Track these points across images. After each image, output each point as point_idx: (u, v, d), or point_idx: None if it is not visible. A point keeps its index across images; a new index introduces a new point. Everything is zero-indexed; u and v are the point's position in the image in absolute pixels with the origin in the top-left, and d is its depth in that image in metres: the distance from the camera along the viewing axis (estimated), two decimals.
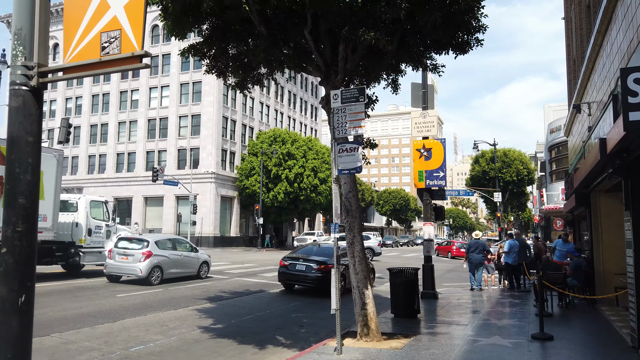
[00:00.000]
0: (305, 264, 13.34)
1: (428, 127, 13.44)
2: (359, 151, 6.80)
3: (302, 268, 13.31)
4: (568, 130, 16.06)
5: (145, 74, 51.52)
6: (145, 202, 50.32)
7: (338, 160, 6.90)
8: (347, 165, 6.84)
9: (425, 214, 13.29)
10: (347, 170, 6.89)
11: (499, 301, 12.33)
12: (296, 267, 13.42)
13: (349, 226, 7.72)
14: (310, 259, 13.50)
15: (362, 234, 7.87)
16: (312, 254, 14.05)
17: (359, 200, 7.89)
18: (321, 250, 14.44)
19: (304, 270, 13.24)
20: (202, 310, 10.30)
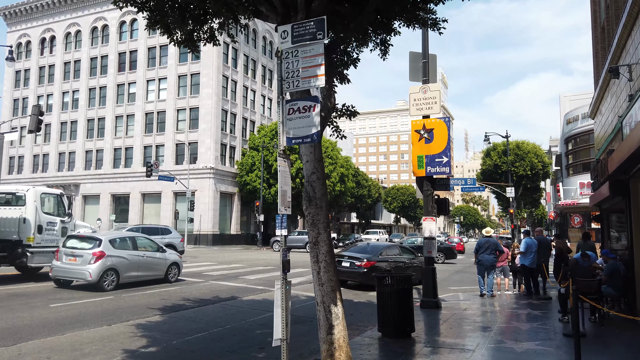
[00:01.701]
0: (350, 260, 14.26)
1: (429, 104, 11.30)
2: (316, 112, 4.74)
3: (347, 265, 14.24)
4: (595, 109, 13.79)
5: (142, 66, 49.86)
6: (143, 198, 48.69)
7: (287, 125, 4.84)
8: (298, 131, 4.78)
9: (426, 206, 11.16)
10: (298, 139, 4.83)
11: (514, 312, 10.17)
12: (342, 264, 14.23)
13: (312, 220, 5.66)
14: (354, 256, 14.42)
15: (330, 230, 5.79)
16: (358, 251, 15.09)
17: (326, 186, 5.82)
18: (367, 247, 15.65)
19: (349, 267, 14.16)
20: (144, 325, 8.31)
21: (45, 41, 55.99)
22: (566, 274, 8.40)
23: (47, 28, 55.74)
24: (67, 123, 53.42)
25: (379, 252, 14.67)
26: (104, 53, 52.33)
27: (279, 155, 4.91)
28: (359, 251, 15.03)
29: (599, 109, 13.04)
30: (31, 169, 54.55)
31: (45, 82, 55.15)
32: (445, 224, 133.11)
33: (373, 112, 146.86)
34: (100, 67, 52.50)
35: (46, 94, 54.89)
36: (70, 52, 54.16)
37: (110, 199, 50.07)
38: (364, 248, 15.61)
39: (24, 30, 56.93)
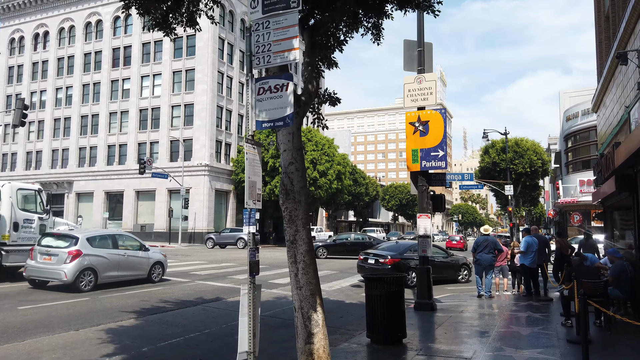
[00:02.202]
0: (375, 258, 14.85)
1: (424, 95, 10.69)
2: (289, 90, 4.13)
3: (372, 262, 14.77)
4: (598, 102, 13.19)
5: (136, 62, 49.17)
6: (137, 196, 48.03)
7: (257, 107, 4.23)
8: (270, 113, 4.19)
9: (421, 203, 10.56)
10: (269, 122, 4.23)
11: (514, 315, 9.59)
12: (368, 261, 14.96)
13: (290, 215, 5.06)
14: (379, 253, 15.06)
15: (310, 228, 5.19)
16: (384, 249, 15.89)
17: (305, 178, 5.21)
18: (394, 246, 16.29)
19: (374, 264, 14.61)
20: (115, 330, 7.70)
21: (38, 37, 55.22)
22: (570, 274, 7.82)
23: (40, 23, 54.97)
24: (61, 119, 52.69)
25: (404, 250, 15.07)
26: (98, 49, 51.60)
27: (246, 142, 4.32)
28: (385, 249, 15.92)
29: (603, 102, 12.45)
30: (24, 165, 53.83)
31: (39, 78, 54.38)
32: (443, 222, 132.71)
33: (371, 110, 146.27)
34: (94, 62, 51.76)
35: (39, 90, 54.15)
36: (64, 48, 53.42)
37: (104, 196, 49.40)
38: (391, 246, 16.40)
39: (17, 25, 56.15)
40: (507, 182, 37.21)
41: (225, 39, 47.88)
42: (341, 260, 24.77)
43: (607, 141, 11.09)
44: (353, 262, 22.23)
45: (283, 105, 4.12)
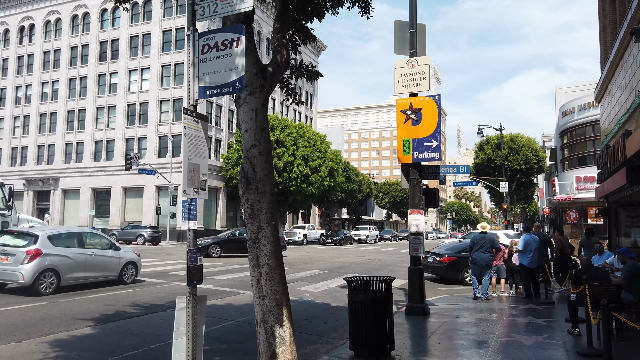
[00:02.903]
0: (433, 256, 15.61)
1: (417, 80, 9.81)
2: (240, 49, 3.24)
3: (431, 260, 15.48)
4: (602, 91, 12.38)
5: (124, 56, 47.99)
6: (125, 193, 46.92)
7: (200, 69, 3.33)
8: (215, 77, 3.32)
9: (412, 198, 9.69)
10: (215, 88, 3.35)
11: (514, 321, 8.75)
12: (428, 259, 15.53)
13: (252, 209, 4.18)
14: (437, 252, 16.02)
15: (276, 224, 4.29)
16: (444, 248, 16.85)
17: (271, 164, 4.32)
18: (453, 245, 17.24)
19: (432, 262, 15.36)
20: (64, 341, 6.78)
21: (24, 30, 53.84)
22: (578, 277, 6.98)
23: (26, 16, 53.59)
24: (47, 114, 51.40)
25: (462, 249, 15.14)
26: (85, 42, 50.36)
27: (185, 113, 3.41)
28: (444, 248, 17.07)
29: (608, 89, 11.63)
30: (9, 162, 52.50)
31: (24, 72, 53.03)
32: (437, 220, 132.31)
33: (365, 107, 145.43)
34: (80, 56, 50.52)
35: (25, 85, 52.80)
36: (50, 41, 52.09)
37: (91, 193, 48.25)
38: (450, 246, 17.50)
39: (2, 18, 54.73)
40: (502, 179, 36.50)
41: None
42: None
43: (613, 131, 10.27)
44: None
45: (232, 66, 3.24)
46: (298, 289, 12.84)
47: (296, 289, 12.81)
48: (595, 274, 6.91)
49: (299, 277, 15.39)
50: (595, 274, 6.93)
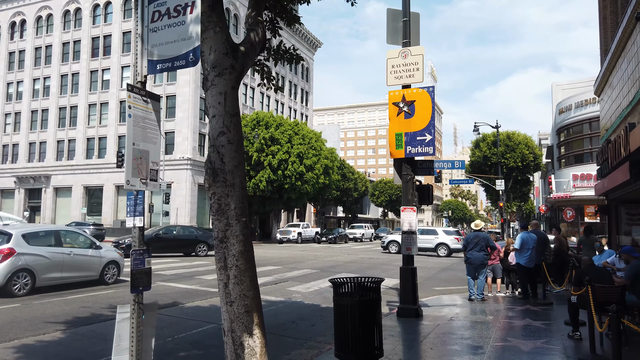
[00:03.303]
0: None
1: (410, 71, 9.37)
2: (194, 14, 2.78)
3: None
4: (603, 84, 11.98)
5: (116, 52, 47.36)
6: (117, 190, 46.32)
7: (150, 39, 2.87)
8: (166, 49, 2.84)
9: (405, 194, 9.26)
10: (165, 61, 2.89)
11: (511, 324, 8.33)
12: None
13: (219, 204, 3.72)
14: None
15: (247, 221, 3.84)
16: None
17: (242, 154, 3.87)
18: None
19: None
20: (30, 347, 6.32)
21: (15, 25, 53.09)
22: (580, 278, 6.56)
23: (17, 11, 52.83)
24: (38, 111, 50.73)
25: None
26: (77, 38, 49.70)
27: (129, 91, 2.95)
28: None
29: (608, 82, 11.22)
30: (0, 159, 51.80)
31: (15, 68, 52.30)
32: (433, 219, 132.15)
33: (362, 105, 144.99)
34: (72, 52, 49.85)
35: (16, 81, 52.09)
36: (42, 37, 51.38)
37: (83, 191, 47.65)
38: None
39: None
40: (498, 176, 36.14)
41: None
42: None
43: (614, 125, 9.86)
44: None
45: (185, 35, 2.79)
46: (288, 289, 12.41)
47: (286, 289, 12.38)
48: (597, 275, 6.49)
49: (289, 276, 14.95)
50: (597, 274, 6.52)
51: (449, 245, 26.85)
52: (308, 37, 64.85)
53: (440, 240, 27.21)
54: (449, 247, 26.81)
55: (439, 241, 27.08)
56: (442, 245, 26.97)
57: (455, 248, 26.56)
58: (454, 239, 27.48)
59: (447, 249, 26.68)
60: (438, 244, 26.96)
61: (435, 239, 27.32)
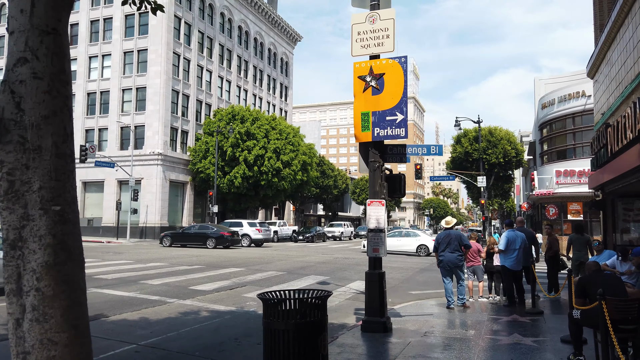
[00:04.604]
0: None
1: (379, 39, 7.89)
2: None
3: None
4: (599, 62, 10.71)
5: (84, 41, 45.02)
6: (84, 187, 44.04)
7: None
8: None
9: (372, 185, 7.79)
10: None
11: (495, 341, 6.91)
12: None
13: (11, 182, 2.13)
14: None
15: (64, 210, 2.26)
16: None
17: (63, 101, 2.29)
18: None
19: None
20: None
21: None
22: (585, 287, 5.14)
23: None
24: None
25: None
26: None
27: None
28: None
29: (606, 59, 9.92)
30: None
31: None
32: (415, 217, 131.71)
33: (344, 103, 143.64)
34: None
35: None
36: (2, 25, 48.62)
37: None
38: None
39: None
40: (479, 173, 35.11)
41: (182, 17, 44.23)
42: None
43: (615, 105, 8.53)
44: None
45: None
46: (243, 295, 10.84)
47: (240, 295, 10.81)
48: (608, 284, 5.09)
49: (249, 280, 13.38)
50: (607, 283, 5.11)
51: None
52: (287, 31, 63.17)
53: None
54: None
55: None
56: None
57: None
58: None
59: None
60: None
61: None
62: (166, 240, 29.12)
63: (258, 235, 29.68)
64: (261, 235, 29.95)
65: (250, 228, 29.92)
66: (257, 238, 29.71)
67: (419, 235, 27.04)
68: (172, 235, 29.80)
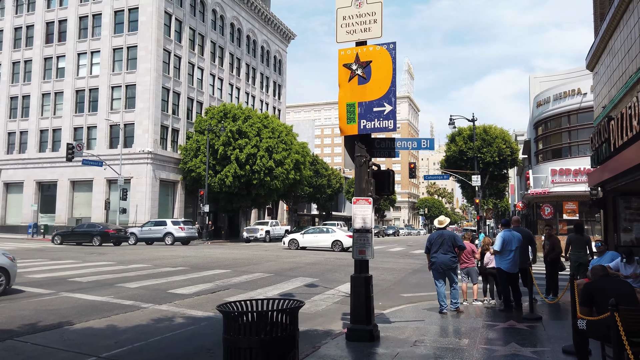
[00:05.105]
0: None
1: (366, 24, 7.31)
2: None
3: None
4: (599, 52, 10.18)
5: (72, 38, 44.23)
6: (73, 186, 43.31)
7: None
8: None
9: (358, 182, 7.20)
10: None
11: (492, 352, 6.35)
12: None
13: None
14: None
15: None
16: None
17: None
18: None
19: None
20: None
21: None
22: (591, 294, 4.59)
23: None
24: None
25: None
26: (30, 22, 46.34)
27: None
28: None
29: (607, 48, 9.39)
30: None
31: None
32: (409, 216, 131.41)
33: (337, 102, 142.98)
34: (25, 38, 46.46)
35: None
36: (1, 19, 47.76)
37: (36, 186, 44.43)
38: None
39: None
40: (474, 172, 34.62)
41: (173, 14, 43.49)
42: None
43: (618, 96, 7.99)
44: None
45: None
46: (224, 299, 10.21)
47: (222, 299, 10.19)
48: (618, 291, 4.53)
49: (234, 282, 12.77)
50: (618, 290, 4.55)
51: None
52: (281, 28, 62.51)
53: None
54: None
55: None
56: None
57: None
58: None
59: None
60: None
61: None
62: (57, 239, 30.32)
63: (181, 233, 30.43)
64: (184, 233, 30.68)
65: (174, 226, 30.78)
66: (180, 236, 30.41)
67: (334, 232, 28.34)
68: (62, 234, 31.01)
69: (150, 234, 31.46)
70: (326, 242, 27.35)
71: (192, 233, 31.51)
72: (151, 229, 31.63)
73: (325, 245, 27.31)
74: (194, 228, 32.00)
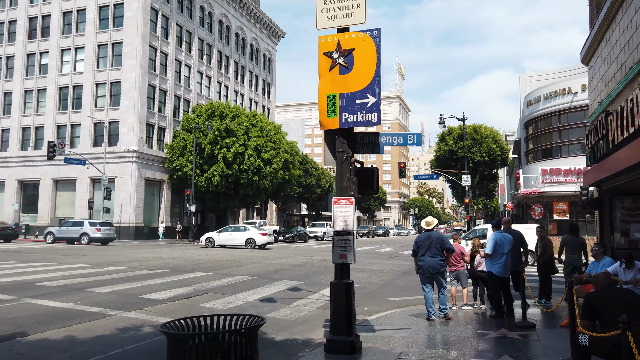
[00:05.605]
0: None
1: (348, 9, 6.75)
2: None
3: None
4: (595, 44, 9.73)
5: (56, 33, 43.21)
6: (56, 185, 42.30)
7: None
8: None
9: (340, 180, 6.64)
10: None
11: None
12: None
13: None
14: None
15: None
16: None
17: None
18: None
19: None
20: None
21: None
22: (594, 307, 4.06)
23: None
24: None
25: None
26: (12, 18, 45.23)
27: None
28: None
29: (605, 39, 8.92)
30: None
31: None
32: (400, 217, 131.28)
33: None
34: (7, 33, 45.33)
35: None
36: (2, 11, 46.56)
37: (17, 185, 43.34)
38: None
39: None
40: (464, 171, 34.29)
41: (159, 10, 42.63)
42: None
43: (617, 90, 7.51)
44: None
45: None
46: (200, 305, 9.60)
47: (197, 305, 9.57)
48: (626, 304, 4.00)
49: (213, 286, 12.15)
50: (625, 302, 4.03)
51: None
52: (270, 26, 61.82)
53: None
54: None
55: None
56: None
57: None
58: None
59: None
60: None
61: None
62: None
63: (97, 234, 30.37)
64: (100, 234, 30.52)
65: (90, 227, 30.70)
66: (96, 237, 30.39)
67: (248, 230, 29.69)
68: None
69: (68, 233, 31.08)
70: (240, 240, 28.81)
71: (109, 234, 31.22)
72: (69, 228, 31.29)
73: (240, 242, 28.75)
74: (111, 230, 31.70)
